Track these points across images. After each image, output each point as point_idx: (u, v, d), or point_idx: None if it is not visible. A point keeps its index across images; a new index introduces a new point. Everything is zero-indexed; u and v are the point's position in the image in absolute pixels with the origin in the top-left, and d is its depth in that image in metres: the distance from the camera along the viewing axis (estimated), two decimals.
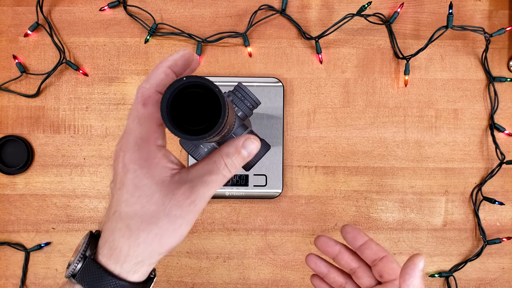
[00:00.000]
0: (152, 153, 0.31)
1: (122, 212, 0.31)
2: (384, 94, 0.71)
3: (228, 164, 0.32)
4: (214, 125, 0.28)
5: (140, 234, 0.31)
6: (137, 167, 0.30)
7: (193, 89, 0.29)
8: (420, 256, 0.37)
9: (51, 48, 0.70)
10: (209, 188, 0.31)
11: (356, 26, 0.70)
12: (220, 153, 0.32)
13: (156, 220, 0.30)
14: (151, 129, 0.31)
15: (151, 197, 0.30)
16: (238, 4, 0.70)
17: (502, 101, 0.71)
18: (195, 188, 0.31)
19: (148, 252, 0.31)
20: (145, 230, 0.30)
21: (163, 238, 0.31)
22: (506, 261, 0.71)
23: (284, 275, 0.71)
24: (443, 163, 0.71)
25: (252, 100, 0.46)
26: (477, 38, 0.70)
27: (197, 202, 0.31)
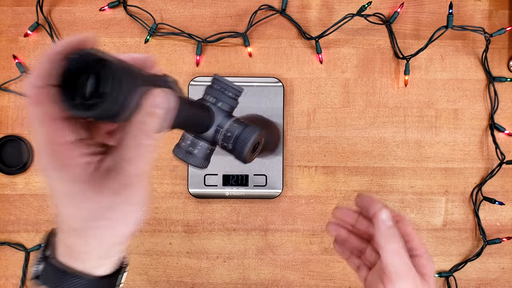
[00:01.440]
0: (65, 153, 0.28)
1: (62, 216, 0.30)
2: (384, 94, 0.71)
3: (144, 131, 0.28)
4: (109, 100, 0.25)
5: (87, 232, 0.29)
6: (54, 172, 0.28)
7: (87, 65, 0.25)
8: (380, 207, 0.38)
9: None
10: (137, 164, 0.29)
11: (356, 26, 0.70)
12: (135, 123, 0.28)
13: (98, 215, 0.29)
14: (54, 127, 0.27)
15: (82, 196, 0.28)
16: (238, 4, 0.70)
17: (502, 101, 0.71)
18: (124, 170, 0.28)
19: (105, 246, 0.30)
20: (91, 227, 0.29)
21: (114, 228, 0.30)
22: (506, 261, 0.71)
23: (284, 275, 0.71)
24: (443, 163, 0.71)
25: (233, 89, 0.44)
26: (477, 38, 0.70)
27: (132, 182, 0.29)
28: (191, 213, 0.70)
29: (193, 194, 0.69)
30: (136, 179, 0.29)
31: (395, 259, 0.37)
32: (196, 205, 0.70)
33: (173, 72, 0.70)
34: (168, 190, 0.70)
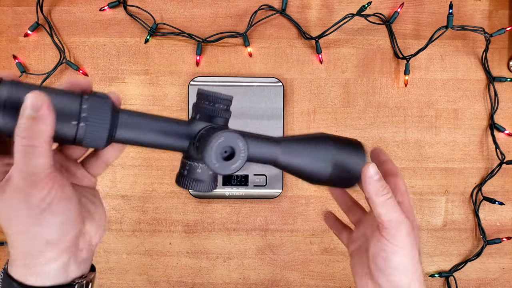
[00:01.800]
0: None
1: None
2: (384, 94, 0.71)
3: (19, 133, 0.29)
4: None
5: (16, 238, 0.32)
6: None
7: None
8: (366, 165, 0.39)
9: (51, 48, 0.70)
10: (20, 168, 0.30)
11: (356, 26, 0.70)
12: (17, 129, 0.30)
13: (13, 223, 0.31)
14: None
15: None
16: (238, 4, 0.70)
17: (502, 101, 0.71)
18: (14, 176, 0.30)
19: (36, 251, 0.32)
20: (13, 234, 0.32)
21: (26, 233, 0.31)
22: (506, 261, 0.71)
23: (284, 275, 0.71)
24: (443, 163, 0.71)
25: (223, 100, 0.39)
26: (477, 38, 0.70)
27: (26, 187, 0.30)
28: (191, 213, 0.70)
29: (193, 194, 0.69)
30: (29, 181, 0.30)
31: (387, 209, 0.38)
32: (196, 205, 0.70)
33: (173, 72, 0.70)
34: (168, 190, 0.70)
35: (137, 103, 0.70)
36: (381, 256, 0.39)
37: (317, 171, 0.42)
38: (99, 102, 0.33)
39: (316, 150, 0.43)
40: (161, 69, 0.70)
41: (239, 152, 0.37)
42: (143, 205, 0.70)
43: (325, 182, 0.43)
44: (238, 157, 0.36)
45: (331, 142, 0.44)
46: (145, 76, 0.70)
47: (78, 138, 0.33)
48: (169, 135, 0.37)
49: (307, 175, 0.42)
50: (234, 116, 0.69)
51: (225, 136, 0.36)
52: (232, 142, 0.36)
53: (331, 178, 0.42)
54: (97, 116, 0.33)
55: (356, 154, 0.43)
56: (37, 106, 0.30)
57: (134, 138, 0.36)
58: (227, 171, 0.36)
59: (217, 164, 0.35)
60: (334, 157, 0.42)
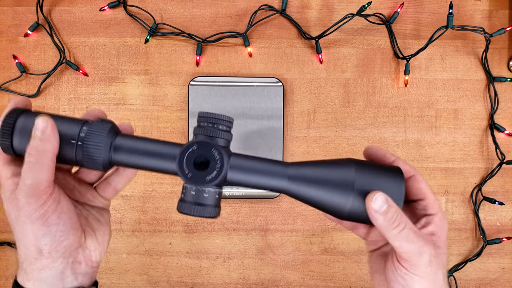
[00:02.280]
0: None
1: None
2: (384, 94, 0.71)
3: (28, 150, 0.34)
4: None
5: (18, 244, 0.36)
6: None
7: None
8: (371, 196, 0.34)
9: (51, 48, 0.70)
10: (24, 179, 0.34)
11: (356, 26, 0.70)
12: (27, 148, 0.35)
13: (15, 229, 0.36)
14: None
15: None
16: (238, 4, 0.70)
17: (502, 101, 0.71)
18: (19, 186, 0.35)
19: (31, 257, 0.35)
20: (16, 240, 0.36)
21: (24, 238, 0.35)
22: (506, 261, 0.71)
23: (284, 275, 0.71)
24: (443, 163, 0.71)
25: (224, 121, 0.37)
26: (477, 38, 0.70)
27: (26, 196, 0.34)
28: None
29: None
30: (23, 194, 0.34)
31: (402, 242, 0.35)
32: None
33: (173, 72, 0.70)
34: (168, 190, 0.70)
35: (137, 103, 0.70)
36: (400, 283, 0.36)
37: (333, 203, 0.36)
38: (97, 127, 0.36)
39: (333, 177, 0.36)
40: (161, 69, 0.70)
41: (214, 161, 0.35)
42: (143, 205, 0.70)
43: (346, 217, 0.37)
44: (214, 166, 0.34)
45: (353, 168, 0.36)
46: (145, 76, 0.70)
47: (78, 159, 0.36)
48: (167, 159, 0.36)
49: (321, 206, 0.37)
50: (234, 116, 0.69)
51: (198, 145, 0.34)
52: (205, 151, 0.34)
53: (352, 213, 0.36)
54: (92, 139, 0.35)
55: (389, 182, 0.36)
56: (43, 128, 0.34)
57: (131, 162, 0.37)
58: (201, 182, 0.34)
59: (189, 174, 0.34)
60: (356, 186, 0.35)
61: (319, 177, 0.36)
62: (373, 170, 0.36)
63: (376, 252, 0.42)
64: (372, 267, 0.41)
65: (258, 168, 0.37)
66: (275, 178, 0.37)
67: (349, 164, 0.36)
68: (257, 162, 0.37)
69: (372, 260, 0.42)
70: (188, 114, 0.68)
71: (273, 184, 0.37)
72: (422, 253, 0.35)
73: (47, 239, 0.35)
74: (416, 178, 0.40)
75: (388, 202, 0.34)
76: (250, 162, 0.37)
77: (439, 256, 0.36)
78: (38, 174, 0.34)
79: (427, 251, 0.35)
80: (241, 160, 0.37)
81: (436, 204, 0.39)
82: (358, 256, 0.71)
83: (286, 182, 0.37)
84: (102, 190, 0.42)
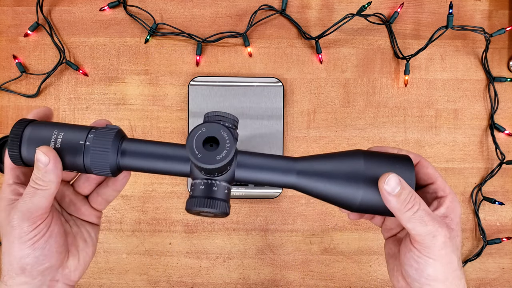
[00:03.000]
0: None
1: None
2: (384, 94, 0.71)
3: (32, 177, 0.36)
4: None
5: (2, 256, 0.38)
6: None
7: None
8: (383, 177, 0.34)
9: (51, 48, 0.70)
10: (23, 201, 0.36)
11: (356, 26, 0.70)
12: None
13: (3, 243, 0.37)
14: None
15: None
16: (238, 4, 0.70)
17: (502, 101, 0.71)
18: (17, 207, 0.36)
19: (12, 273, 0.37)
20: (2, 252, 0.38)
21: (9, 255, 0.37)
22: (506, 261, 0.71)
23: (284, 275, 0.71)
24: (443, 163, 0.71)
25: (229, 119, 0.36)
26: (477, 38, 0.70)
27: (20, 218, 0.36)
28: None
29: None
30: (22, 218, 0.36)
31: (415, 224, 0.34)
32: None
33: (173, 72, 0.70)
34: (168, 190, 0.70)
35: (137, 103, 0.70)
36: (414, 267, 0.36)
37: (344, 196, 0.36)
38: (103, 132, 0.36)
39: (342, 170, 0.35)
40: (161, 69, 0.70)
41: (223, 142, 0.34)
42: (143, 205, 0.70)
43: (357, 209, 0.36)
44: (223, 147, 0.34)
45: (361, 159, 0.35)
46: (145, 76, 0.70)
47: (86, 166, 0.36)
48: (173, 160, 0.36)
49: (332, 200, 0.37)
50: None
51: (206, 126, 0.34)
52: (215, 131, 0.34)
53: (363, 204, 0.36)
54: (98, 145, 0.36)
55: (399, 169, 0.35)
56: (45, 162, 0.35)
57: (139, 165, 0.37)
58: (212, 163, 0.33)
59: (199, 154, 0.33)
60: (366, 177, 0.35)
61: (328, 170, 0.36)
62: (382, 159, 0.36)
63: (392, 238, 0.42)
64: (388, 253, 0.41)
65: (266, 164, 0.37)
66: (284, 174, 0.37)
67: (358, 155, 0.36)
68: (265, 159, 0.37)
69: (388, 246, 0.42)
70: (188, 114, 0.68)
71: (282, 180, 0.37)
72: (436, 236, 0.34)
73: (30, 260, 0.36)
74: (423, 164, 0.40)
75: (402, 184, 0.34)
76: (257, 159, 0.37)
77: (453, 239, 0.36)
78: (39, 201, 0.36)
79: (441, 233, 0.34)
80: (248, 158, 0.37)
81: (446, 186, 0.38)
82: (358, 256, 0.71)
83: (295, 177, 0.37)
84: (93, 201, 0.43)
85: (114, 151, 0.36)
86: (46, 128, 0.37)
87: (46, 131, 0.36)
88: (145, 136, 0.70)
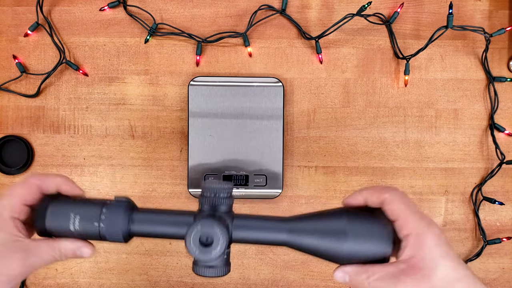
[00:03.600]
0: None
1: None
2: (384, 94, 0.71)
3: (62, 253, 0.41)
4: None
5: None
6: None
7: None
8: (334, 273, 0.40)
9: (51, 48, 0.70)
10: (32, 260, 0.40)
11: (356, 26, 0.70)
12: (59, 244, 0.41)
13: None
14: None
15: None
16: (238, 4, 0.70)
17: (502, 101, 0.71)
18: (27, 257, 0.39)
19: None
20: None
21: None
22: (506, 261, 0.71)
23: (284, 275, 0.71)
24: (443, 163, 0.71)
25: (223, 189, 0.42)
26: (477, 38, 0.70)
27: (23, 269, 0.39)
28: None
29: (193, 194, 0.69)
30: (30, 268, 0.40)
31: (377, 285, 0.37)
32: (196, 205, 0.70)
33: (173, 72, 0.70)
34: (168, 190, 0.70)
35: (137, 103, 0.70)
36: None
37: (330, 252, 0.40)
38: (115, 207, 0.42)
39: (327, 228, 0.40)
40: (161, 69, 0.70)
41: (216, 239, 0.39)
42: (143, 205, 0.70)
43: (345, 262, 0.40)
44: (217, 243, 0.39)
45: (345, 218, 0.40)
46: (145, 76, 0.70)
47: (101, 235, 0.41)
48: (178, 227, 0.42)
49: (320, 255, 0.41)
50: (234, 116, 0.70)
51: (201, 224, 0.39)
52: (209, 229, 0.39)
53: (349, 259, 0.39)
54: (112, 218, 0.41)
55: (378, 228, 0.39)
56: (89, 254, 0.42)
57: (148, 232, 0.42)
58: (208, 257, 0.39)
59: (197, 251, 0.39)
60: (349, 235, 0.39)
61: (315, 229, 0.40)
62: (363, 218, 0.40)
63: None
64: None
65: (259, 226, 0.42)
66: (276, 233, 0.42)
67: (341, 214, 0.40)
68: (259, 221, 0.42)
69: None
70: (188, 114, 0.68)
71: (275, 239, 0.42)
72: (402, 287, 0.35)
73: None
74: (387, 201, 0.38)
75: (347, 272, 0.38)
76: (252, 221, 0.42)
77: (424, 277, 0.35)
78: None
79: (406, 282, 0.35)
80: (244, 221, 0.42)
81: (410, 222, 0.37)
82: None
83: (286, 235, 0.42)
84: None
85: (125, 222, 0.41)
86: (63, 210, 0.42)
87: (63, 214, 0.41)
88: (145, 136, 0.70)
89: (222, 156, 0.68)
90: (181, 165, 0.70)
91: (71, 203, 0.42)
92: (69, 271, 0.70)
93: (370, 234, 0.39)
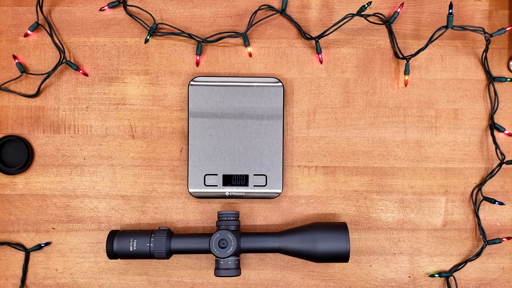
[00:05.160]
0: None
1: None
2: (384, 94, 0.71)
3: None
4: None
5: None
6: None
7: None
8: None
9: (51, 48, 0.70)
10: None
11: (356, 26, 0.70)
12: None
13: None
14: None
15: None
16: (238, 4, 0.70)
17: (502, 101, 0.71)
18: None
19: None
20: None
21: None
22: (506, 261, 0.71)
23: (284, 275, 0.71)
24: (443, 163, 0.71)
25: (231, 215, 0.65)
26: (477, 38, 0.70)
27: None
28: (191, 213, 0.70)
29: (193, 194, 0.69)
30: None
31: None
32: (196, 205, 0.70)
33: (173, 72, 0.70)
34: (168, 190, 0.70)
35: (137, 103, 0.70)
36: None
37: (308, 252, 0.63)
38: (160, 233, 0.64)
39: (304, 237, 0.63)
40: (161, 69, 0.70)
41: (230, 242, 0.63)
42: (143, 205, 0.70)
43: (320, 259, 0.64)
44: (230, 245, 0.63)
45: (317, 227, 0.64)
46: (145, 76, 0.70)
47: (151, 253, 0.63)
48: (202, 243, 0.64)
49: (303, 255, 0.64)
50: (234, 116, 0.70)
51: (219, 233, 0.63)
52: (224, 236, 0.63)
53: (322, 255, 0.63)
54: (158, 241, 0.64)
55: (339, 233, 0.63)
56: None
57: (183, 249, 0.65)
58: (224, 255, 0.62)
59: (217, 251, 0.63)
60: (320, 239, 0.63)
61: (297, 238, 0.64)
62: (329, 229, 0.64)
63: None
64: None
65: (259, 238, 0.65)
66: (272, 243, 0.65)
67: (314, 227, 0.64)
68: (258, 235, 0.66)
69: None
70: (188, 114, 0.68)
71: (270, 246, 0.65)
72: None
73: None
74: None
75: None
76: (254, 235, 0.65)
77: None
78: None
79: None
80: (248, 235, 0.65)
81: None
82: (358, 256, 0.71)
83: (278, 244, 0.64)
84: None
85: (168, 244, 0.64)
86: (125, 238, 0.64)
87: (125, 240, 0.64)
88: (145, 136, 0.70)
89: (222, 156, 0.68)
90: (181, 165, 0.70)
91: (129, 233, 0.65)
92: (69, 271, 0.70)
93: (333, 239, 0.63)
